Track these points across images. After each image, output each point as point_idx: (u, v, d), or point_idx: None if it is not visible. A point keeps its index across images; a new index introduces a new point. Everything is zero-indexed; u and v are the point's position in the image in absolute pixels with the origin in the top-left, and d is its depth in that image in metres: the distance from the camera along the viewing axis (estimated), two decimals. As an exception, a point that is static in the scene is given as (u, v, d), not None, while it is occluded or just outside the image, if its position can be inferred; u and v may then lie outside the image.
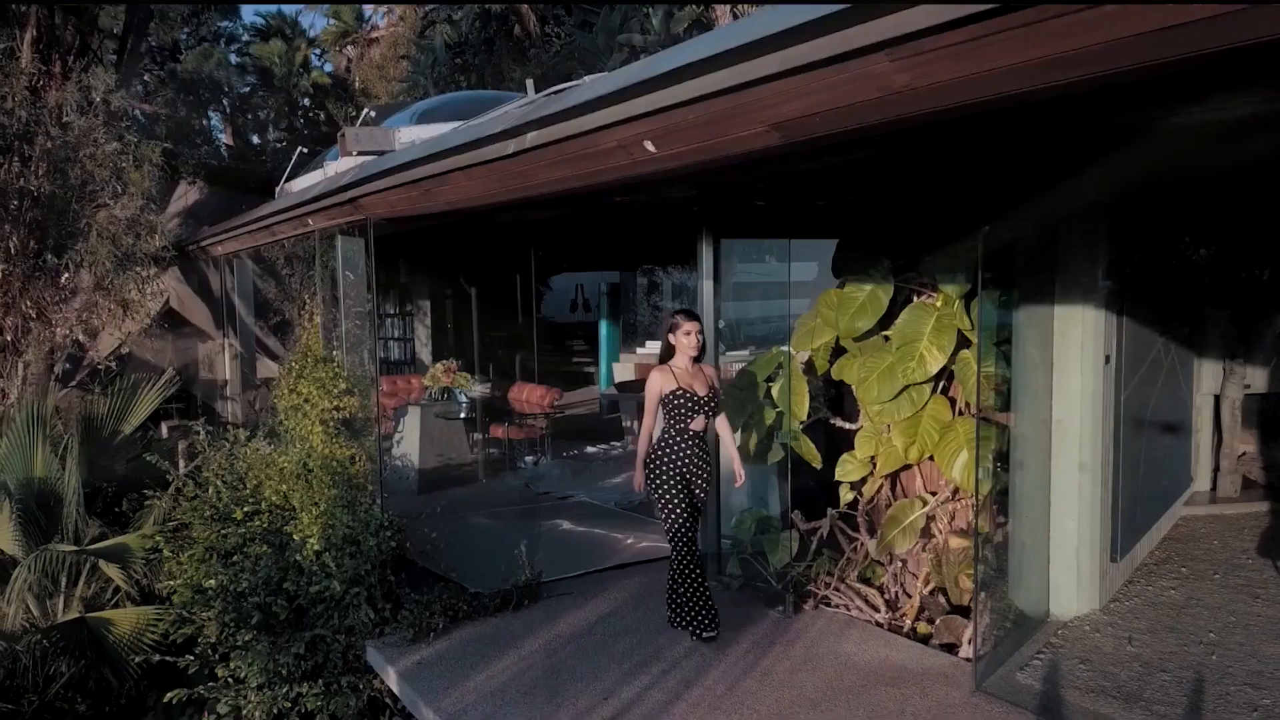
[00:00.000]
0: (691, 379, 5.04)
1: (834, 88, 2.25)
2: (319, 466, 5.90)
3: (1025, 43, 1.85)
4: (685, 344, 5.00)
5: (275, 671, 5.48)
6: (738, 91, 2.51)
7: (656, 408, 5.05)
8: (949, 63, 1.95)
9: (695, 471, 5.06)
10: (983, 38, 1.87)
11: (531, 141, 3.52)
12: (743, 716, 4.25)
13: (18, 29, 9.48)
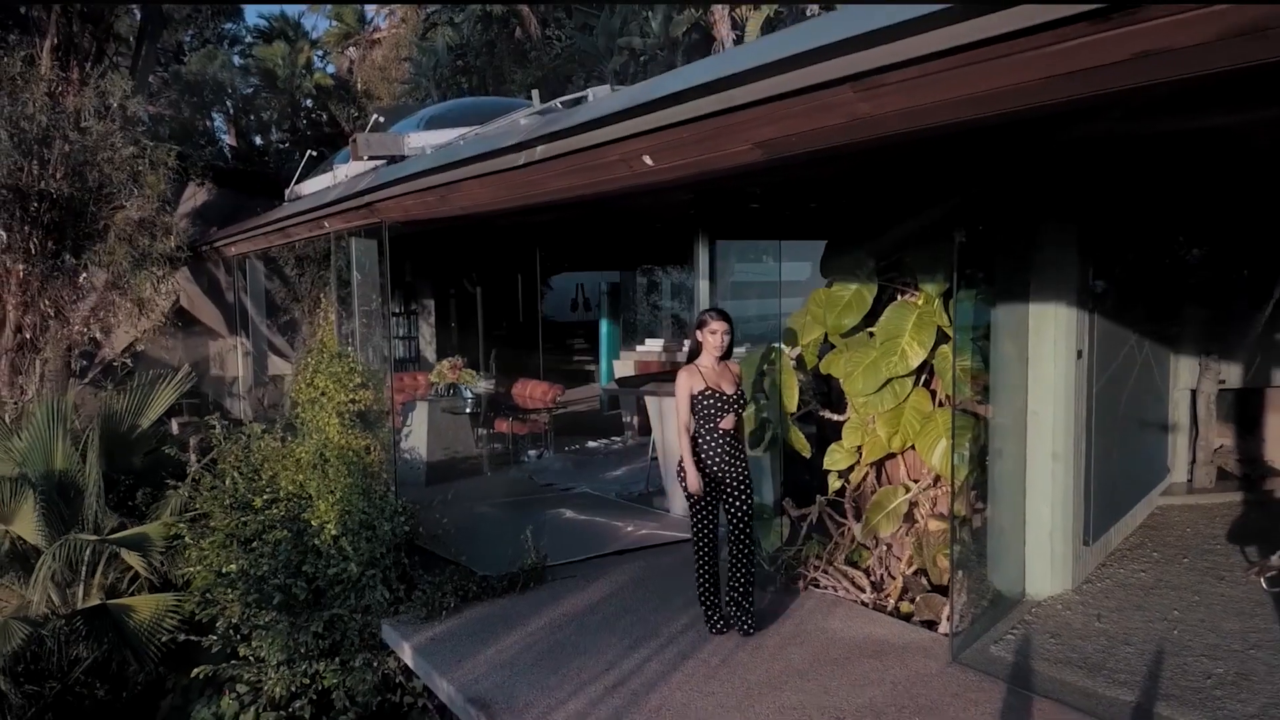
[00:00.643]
0: (719, 377, 5.05)
1: (808, 114, 2.58)
2: (335, 456, 6.23)
3: (956, 82, 2.17)
4: (712, 342, 5.01)
5: (295, 649, 5.82)
6: (725, 114, 2.84)
7: (688, 406, 5.04)
8: (899, 96, 2.27)
9: (726, 470, 5.04)
10: (927, 75, 2.19)
11: (541, 154, 3.85)
12: (734, 685, 4.58)
13: (38, 37, 9.81)
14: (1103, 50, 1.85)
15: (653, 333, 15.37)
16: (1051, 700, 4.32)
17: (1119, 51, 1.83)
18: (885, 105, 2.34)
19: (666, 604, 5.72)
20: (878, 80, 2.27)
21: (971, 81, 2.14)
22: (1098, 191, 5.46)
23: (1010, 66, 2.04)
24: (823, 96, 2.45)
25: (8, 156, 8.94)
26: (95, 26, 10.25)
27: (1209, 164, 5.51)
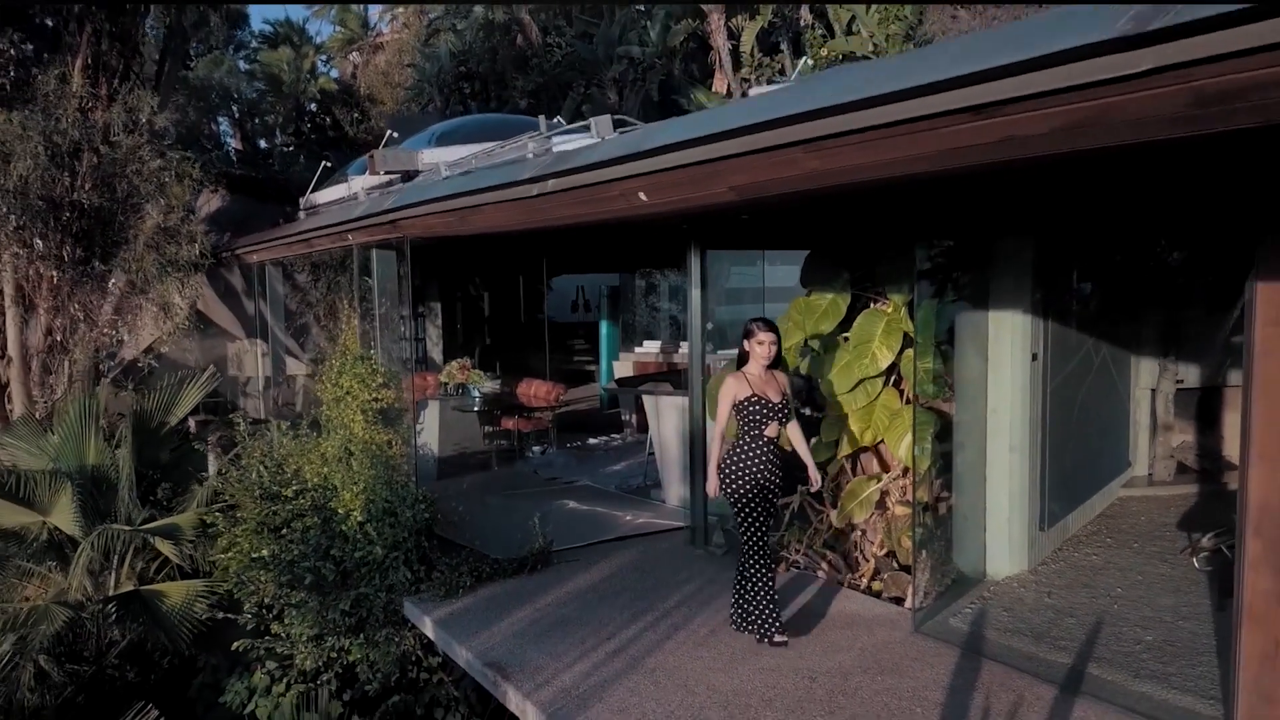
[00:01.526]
0: (765, 385, 5.15)
1: (770, 166, 3.15)
2: (360, 450, 6.81)
3: (879, 149, 2.76)
4: (759, 352, 5.11)
5: (325, 626, 6.41)
6: (707, 164, 3.42)
7: (730, 413, 5.13)
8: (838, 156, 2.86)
9: (769, 476, 5.16)
10: (856, 144, 2.78)
11: (552, 187, 4.43)
12: (719, 652, 5.18)
13: (70, 56, 10.38)
14: (977, 134, 2.43)
15: (651, 334, 15.91)
16: (999, 663, 4.91)
17: (989, 135, 2.40)
18: (829, 163, 2.93)
19: (662, 583, 6.32)
20: (818, 145, 2.86)
21: (886, 150, 2.73)
22: (1052, 207, 6.04)
23: (914, 141, 2.62)
24: (782, 154, 3.05)
25: (45, 170, 9.51)
26: (123, 45, 10.82)
27: (1157, 183, 6.08)
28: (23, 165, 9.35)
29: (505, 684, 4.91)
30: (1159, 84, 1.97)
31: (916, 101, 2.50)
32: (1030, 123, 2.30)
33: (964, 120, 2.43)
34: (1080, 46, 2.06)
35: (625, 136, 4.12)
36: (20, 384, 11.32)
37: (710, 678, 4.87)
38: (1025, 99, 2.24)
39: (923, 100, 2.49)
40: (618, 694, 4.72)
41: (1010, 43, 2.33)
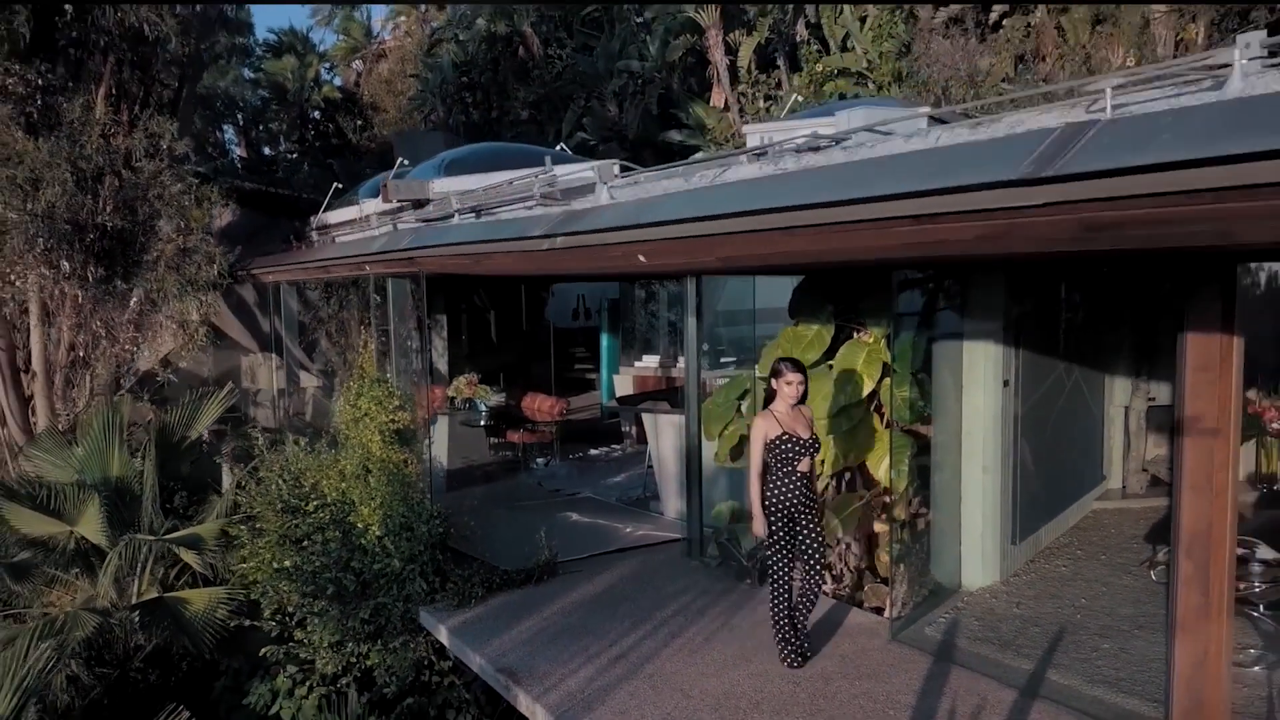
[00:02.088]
0: (793, 422, 5.35)
1: (749, 243, 3.62)
2: (377, 468, 7.27)
3: (846, 239, 3.24)
4: (787, 392, 5.33)
5: (345, 633, 6.88)
6: (698, 238, 3.90)
7: (763, 452, 5.33)
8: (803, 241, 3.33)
9: (802, 511, 5.35)
10: (825, 233, 3.27)
11: (560, 244, 4.90)
12: (713, 657, 5.65)
13: (94, 85, 10.85)
14: (917, 235, 2.90)
15: (650, 341, 16.31)
16: (967, 669, 5.38)
17: (926, 237, 2.87)
18: (802, 245, 3.40)
19: (660, 594, 6.79)
20: (793, 232, 3.34)
21: (850, 239, 3.21)
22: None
23: (871, 235, 3.09)
24: (762, 236, 3.53)
25: (72, 196, 9.98)
26: (143, 72, 11.29)
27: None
28: (51, 192, 9.81)
29: (516, 688, 5.38)
30: (1055, 213, 2.44)
31: (873, 205, 2.98)
32: (957, 231, 2.78)
33: (906, 224, 2.90)
34: (993, 183, 2.53)
35: (630, 205, 4.57)
36: (44, 397, 11.79)
37: (703, 682, 5.34)
38: (951, 214, 2.71)
39: (877, 205, 2.97)
40: (619, 697, 5.19)
41: (942, 170, 2.81)
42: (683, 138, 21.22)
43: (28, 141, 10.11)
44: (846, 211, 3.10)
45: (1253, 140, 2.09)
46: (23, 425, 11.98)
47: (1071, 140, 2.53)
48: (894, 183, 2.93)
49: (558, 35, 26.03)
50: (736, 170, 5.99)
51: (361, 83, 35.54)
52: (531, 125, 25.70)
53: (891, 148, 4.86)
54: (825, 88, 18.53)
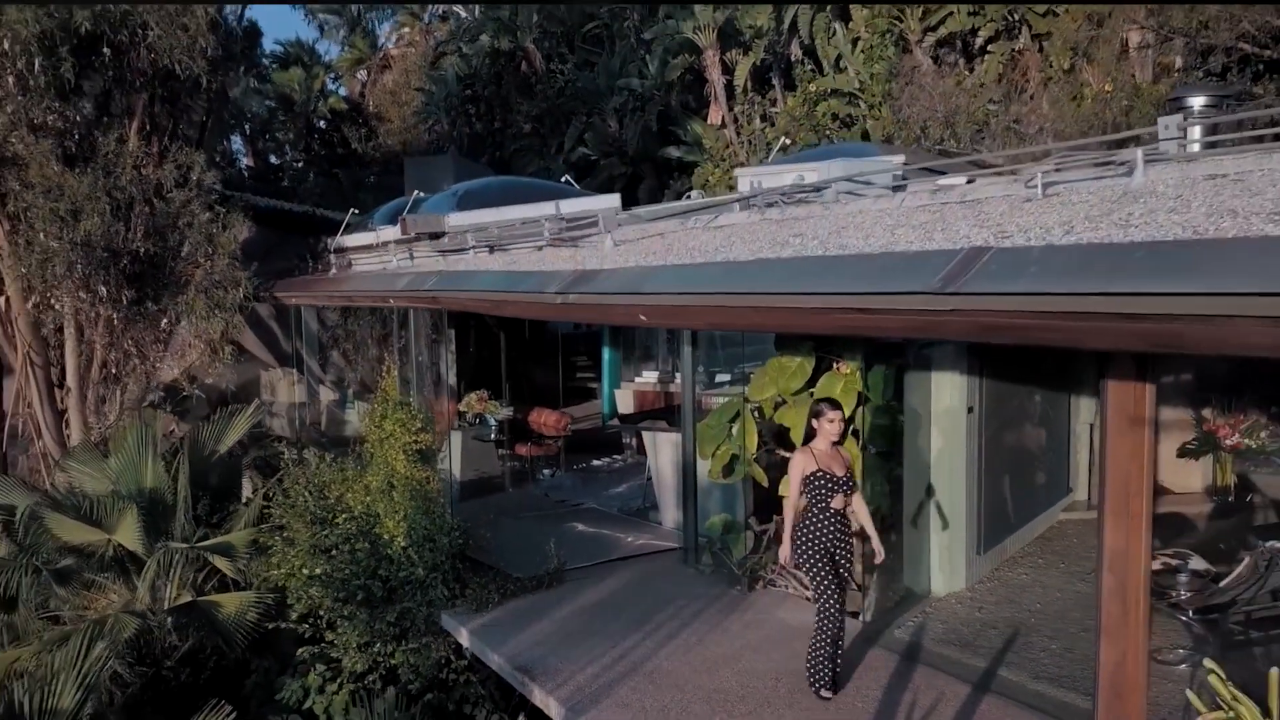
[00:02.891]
0: (830, 461, 5.57)
1: (727, 314, 4.32)
2: (401, 484, 7.99)
3: (801, 318, 3.98)
4: (828, 430, 5.54)
5: (373, 635, 7.59)
6: (687, 307, 4.62)
7: (800, 487, 5.56)
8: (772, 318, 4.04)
9: (837, 545, 5.56)
10: (799, 314, 4.00)
11: (572, 300, 5.62)
12: (706, 656, 6.37)
13: (128, 120, 11.55)
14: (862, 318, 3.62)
15: (650, 350, 16.94)
16: (930, 667, 6.11)
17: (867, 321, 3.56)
18: (770, 320, 4.10)
19: (658, 598, 7.50)
20: (765, 310, 4.05)
21: (808, 317, 3.93)
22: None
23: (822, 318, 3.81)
24: (738, 310, 4.24)
25: (109, 225, 10.69)
26: (173, 106, 12.00)
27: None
28: (90, 223, 10.51)
29: (531, 684, 6.10)
30: (959, 318, 3.14)
31: (824, 298, 3.70)
32: (888, 322, 3.51)
33: (850, 315, 3.62)
34: (913, 292, 3.25)
35: (635, 271, 5.27)
36: (78, 412, 12.51)
37: (697, 679, 6.07)
38: (883, 310, 3.42)
39: (827, 298, 3.68)
40: (621, 692, 5.91)
41: (879, 276, 3.53)
42: (681, 154, 21.95)
43: (67, 174, 10.81)
44: (804, 300, 3.83)
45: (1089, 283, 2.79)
46: (57, 438, 12.69)
47: (971, 263, 3.25)
48: (841, 281, 3.67)
49: (559, 51, 26.75)
50: (727, 216, 6.73)
51: (366, 93, 36.25)
52: (534, 138, 26.42)
53: (862, 205, 5.61)
54: (819, 107, 19.27)
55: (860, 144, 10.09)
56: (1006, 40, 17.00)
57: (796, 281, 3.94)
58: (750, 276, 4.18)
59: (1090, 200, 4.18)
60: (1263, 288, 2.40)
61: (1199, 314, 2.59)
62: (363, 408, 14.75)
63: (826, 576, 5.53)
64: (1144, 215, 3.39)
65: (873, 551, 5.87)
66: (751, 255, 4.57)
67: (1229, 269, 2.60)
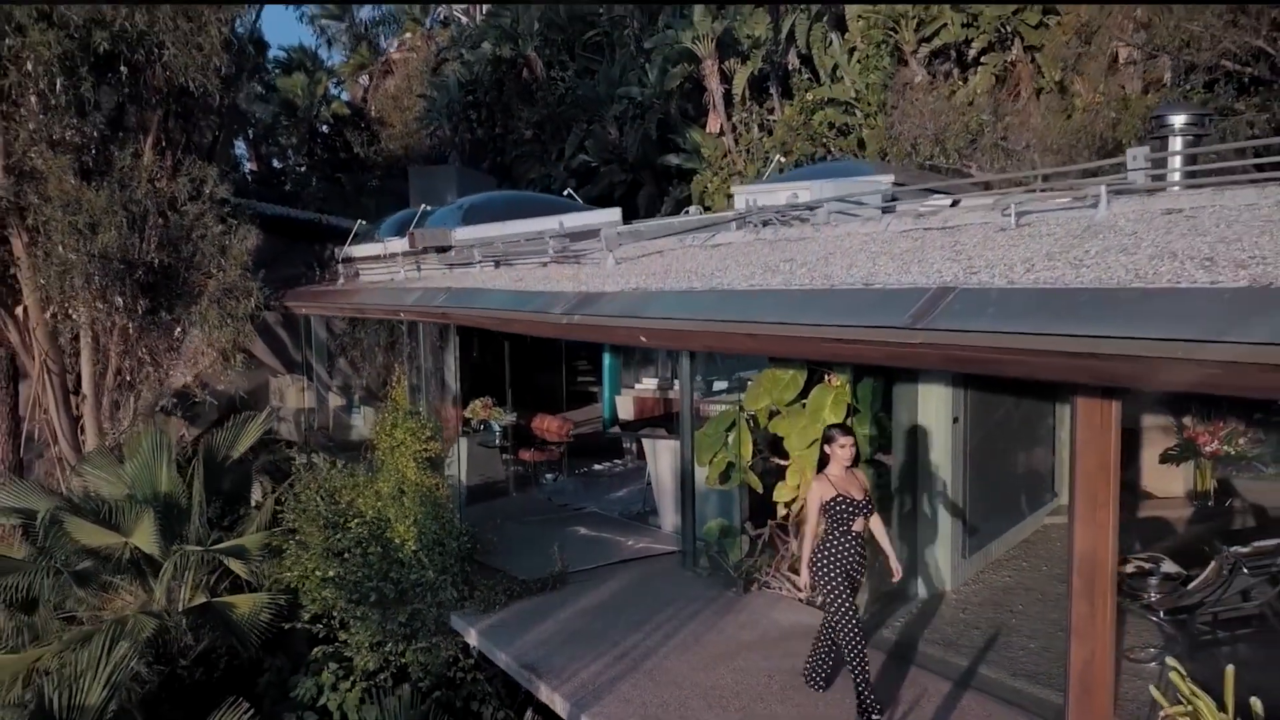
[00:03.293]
0: (847, 485, 5.65)
1: (722, 338, 4.67)
2: (412, 490, 8.34)
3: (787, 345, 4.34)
4: (841, 455, 5.61)
5: (385, 635, 7.94)
6: (684, 331, 4.97)
7: (819, 514, 5.65)
8: (761, 344, 4.41)
9: (858, 568, 5.69)
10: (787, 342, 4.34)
11: (577, 320, 5.96)
12: (702, 655, 6.72)
13: (142, 135, 11.90)
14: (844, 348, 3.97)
15: (649, 356, 17.25)
16: (914, 665, 6.45)
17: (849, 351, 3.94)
18: (759, 346, 4.44)
19: (657, 600, 7.85)
20: (753, 336, 4.40)
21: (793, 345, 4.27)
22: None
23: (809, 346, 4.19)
24: (730, 336, 4.60)
25: (126, 238, 11.03)
26: (186, 121, 12.35)
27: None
28: (107, 236, 10.86)
29: (538, 681, 6.45)
30: (927, 350, 3.48)
31: (811, 328, 4.06)
32: (866, 352, 3.86)
33: (836, 342, 3.97)
34: (886, 326, 3.59)
35: (634, 296, 5.61)
36: (93, 418, 12.86)
37: (694, 676, 6.41)
38: (863, 341, 3.77)
39: (813, 328, 4.04)
40: (623, 688, 6.26)
41: (857, 309, 3.88)
42: (680, 161, 22.30)
43: (84, 188, 11.15)
44: (792, 329, 4.18)
45: (1040, 324, 3.15)
46: (72, 443, 13.04)
47: (938, 301, 3.60)
48: (824, 314, 4.02)
49: (560, 59, 27.10)
50: (724, 234, 7.09)
51: (368, 98, 36.61)
52: (535, 144, 26.77)
53: (851, 228, 5.97)
54: (815, 116, 19.61)
55: (853, 162, 10.41)
56: (998, 52, 17.34)
57: (785, 312, 4.29)
58: (743, 305, 4.54)
59: (1057, 233, 4.53)
60: (1180, 334, 2.74)
61: (1131, 355, 2.95)
62: (369, 412, 15.16)
63: (846, 600, 5.63)
64: (1098, 254, 3.74)
65: (891, 570, 6.01)
66: (745, 282, 4.92)
67: (1155, 316, 2.95)
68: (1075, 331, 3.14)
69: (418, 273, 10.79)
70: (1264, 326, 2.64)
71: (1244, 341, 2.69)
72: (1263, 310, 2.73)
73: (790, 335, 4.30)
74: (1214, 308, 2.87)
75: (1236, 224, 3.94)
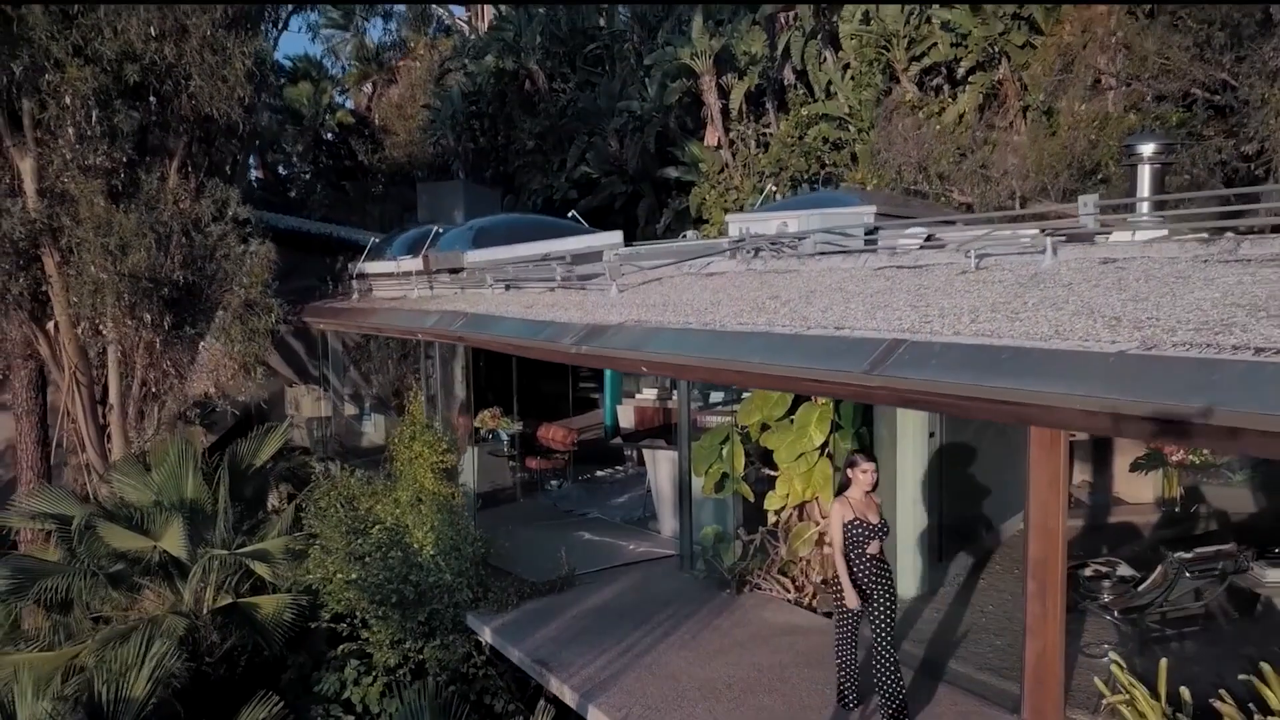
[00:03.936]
0: (865, 508, 5.98)
1: (712, 373, 5.32)
2: (429, 499, 8.99)
3: (768, 381, 4.99)
4: (862, 480, 5.92)
5: (405, 633, 8.58)
6: (680, 365, 5.62)
7: (842, 534, 5.97)
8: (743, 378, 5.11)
9: (874, 587, 6.01)
10: (756, 376, 5.02)
11: (585, 350, 6.61)
12: (699, 652, 7.37)
13: (167, 159, 12.55)
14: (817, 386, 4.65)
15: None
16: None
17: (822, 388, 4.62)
18: (743, 380, 5.07)
19: (657, 601, 8.50)
20: (740, 373, 5.05)
21: (774, 382, 4.94)
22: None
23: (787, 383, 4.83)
24: (719, 372, 5.25)
25: (154, 258, 11.67)
26: (209, 146, 13.00)
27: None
28: (137, 256, 11.50)
29: (549, 674, 7.11)
30: (884, 392, 4.12)
31: (789, 368, 4.72)
32: (836, 389, 4.51)
33: (810, 381, 4.61)
34: (849, 370, 4.25)
35: (639, 329, 6.24)
36: (119, 427, 13.49)
37: (690, 670, 7.07)
38: (829, 382, 4.42)
39: (791, 368, 4.69)
40: (626, 681, 6.91)
41: (827, 354, 4.52)
42: (679, 174, 22.94)
43: (113, 210, 11.78)
44: (773, 369, 4.84)
45: (970, 376, 3.79)
46: (99, 451, 13.67)
47: (891, 351, 4.25)
48: (800, 358, 4.67)
49: (561, 70, 27.74)
50: (718, 263, 7.74)
51: (372, 106, 37.26)
52: (537, 154, 27.39)
53: (833, 263, 6.63)
54: (810, 131, 20.26)
55: (839, 193, 11.06)
56: (986, 72, 17.98)
57: (767, 354, 4.95)
58: (732, 346, 5.18)
59: (1006, 280, 5.18)
60: (1076, 390, 3.38)
61: (1039, 404, 3.59)
62: (379, 420, 15.83)
63: (853, 616, 6.06)
64: (1033, 307, 4.38)
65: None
66: (735, 320, 5.56)
67: (1057, 374, 3.60)
68: (996, 383, 3.79)
69: (430, 291, 11.44)
70: (1139, 388, 3.30)
71: (1123, 398, 3.34)
72: (1136, 375, 3.38)
73: (772, 374, 4.98)
74: (1101, 368, 3.51)
75: (1154, 279, 4.58)
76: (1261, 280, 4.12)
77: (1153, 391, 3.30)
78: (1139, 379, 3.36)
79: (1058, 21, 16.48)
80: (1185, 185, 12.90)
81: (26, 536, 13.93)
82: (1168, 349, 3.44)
